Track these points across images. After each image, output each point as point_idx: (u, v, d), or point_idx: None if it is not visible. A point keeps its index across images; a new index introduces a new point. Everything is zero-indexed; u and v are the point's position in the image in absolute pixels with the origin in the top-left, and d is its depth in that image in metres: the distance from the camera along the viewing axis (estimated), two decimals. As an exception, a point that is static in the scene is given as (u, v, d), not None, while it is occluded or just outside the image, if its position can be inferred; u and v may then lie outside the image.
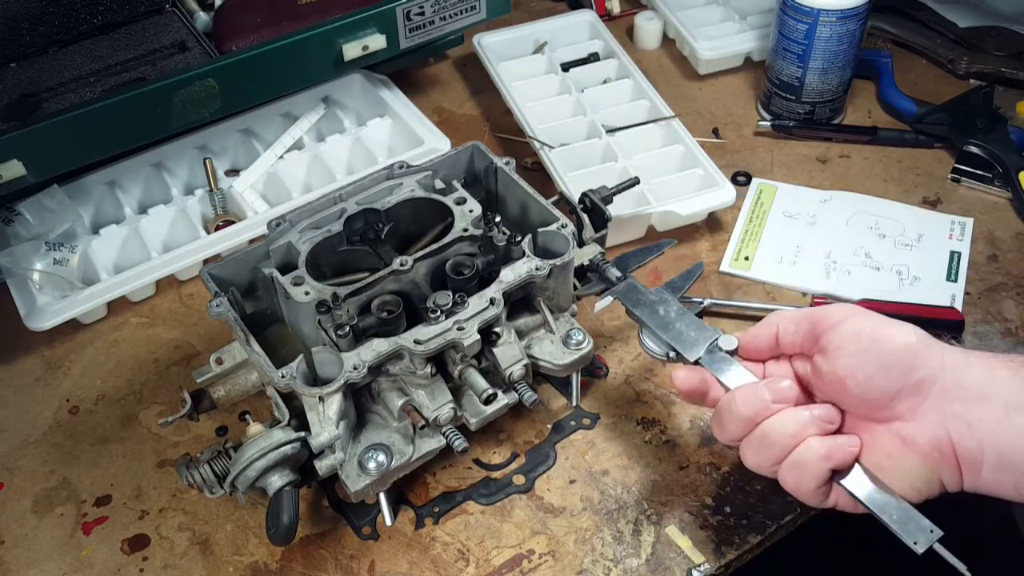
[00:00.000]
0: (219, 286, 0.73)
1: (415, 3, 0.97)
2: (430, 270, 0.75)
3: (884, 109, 1.12)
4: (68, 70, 1.02)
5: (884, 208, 0.99)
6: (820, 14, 0.99)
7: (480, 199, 0.79)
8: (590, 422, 0.82)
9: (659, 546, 0.74)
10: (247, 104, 0.99)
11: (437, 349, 0.68)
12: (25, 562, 0.76)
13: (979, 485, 0.59)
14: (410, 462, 0.71)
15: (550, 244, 0.75)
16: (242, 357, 0.73)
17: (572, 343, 0.75)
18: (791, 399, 0.62)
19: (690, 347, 0.68)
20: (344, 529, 0.76)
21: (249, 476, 0.66)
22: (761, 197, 1.01)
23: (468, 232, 0.75)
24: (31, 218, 0.93)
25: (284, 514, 0.67)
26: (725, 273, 0.94)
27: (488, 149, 0.83)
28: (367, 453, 0.70)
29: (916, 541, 0.58)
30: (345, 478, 0.69)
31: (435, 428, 0.71)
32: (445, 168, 0.83)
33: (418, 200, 0.79)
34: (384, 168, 0.81)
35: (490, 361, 0.73)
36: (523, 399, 0.73)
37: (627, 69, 1.11)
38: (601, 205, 0.80)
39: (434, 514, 0.77)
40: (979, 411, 0.58)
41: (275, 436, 0.66)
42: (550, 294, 0.75)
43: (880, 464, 0.61)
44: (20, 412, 0.86)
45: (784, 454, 0.61)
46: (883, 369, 0.59)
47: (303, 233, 0.76)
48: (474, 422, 0.72)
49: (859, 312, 0.62)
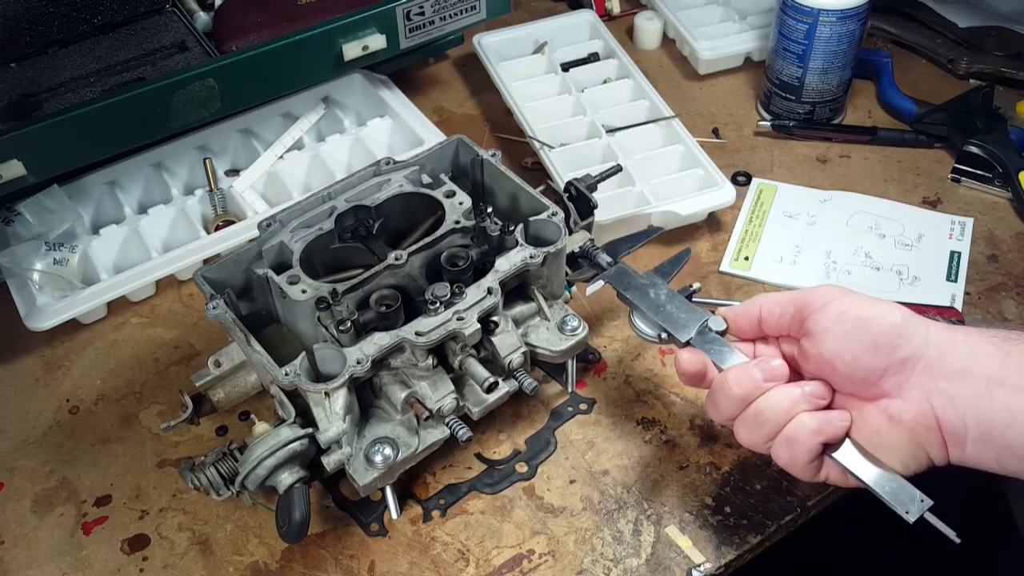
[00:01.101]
0: (214, 288, 0.74)
1: (415, 3, 0.97)
2: (425, 263, 0.76)
3: (884, 109, 1.12)
4: (68, 70, 1.02)
5: (884, 208, 0.99)
6: (820, 14, 0.99)
7: (467, 192, 0.79)
8: (587, 407, 0.83)
9: (659, 546, 0.74)
10: (247, 104, 0.99)
11: (439, 340, 0.69)
12: (25, 562, 0.76)
13: (964, 459, 0.60)
14: (416, 454, 0.71)
15: (542, 232, 0.76)
16: (240, 359, 0.73)
17: (567, 329, 0.76)
18: (782, 377, 0.63)
19: (681, 328, 0.69)
20: (344, 529, 0.76)
21: (259, 475, 0.66)
22: (761, 197, 1.01)
23: (460, 224, 0.76)
24: (31, 218, 0.93)
25: (296, 510, 0.67)
26: (725, 273, 0.94)
27: (473, 142, 0.83)
28: (373, 447, 0.70)
29: (908, 511, 0.59)
30: (353, 472, 0.70)
31: (439, 419, 0.72)
32: (431, 162, 0.83)
33: (407, 195, 0.80)
34: (371, 165, 0.81)
35: (489, 351, 0.73)
36: (523, 386, 0.74)
37: (627, 69, 1.11)
38: (587, 193, 0.81)
39: (440, 506, 0.77)
40: (961, 386, 0.58)
41: (283, 433, 0.67)
42: (544, 282, 0.76)
43: (869, 440, 0.62)
44: (20, 412, 0.86)
45: (777, 430, 0.62)
46: (870, 349, 0.60)
47: (295, 232, 0.76)
48: (476, 411, 0.73)
49: (844, 293, 0.63)
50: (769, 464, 0.78)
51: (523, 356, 0.74)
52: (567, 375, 0.83)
